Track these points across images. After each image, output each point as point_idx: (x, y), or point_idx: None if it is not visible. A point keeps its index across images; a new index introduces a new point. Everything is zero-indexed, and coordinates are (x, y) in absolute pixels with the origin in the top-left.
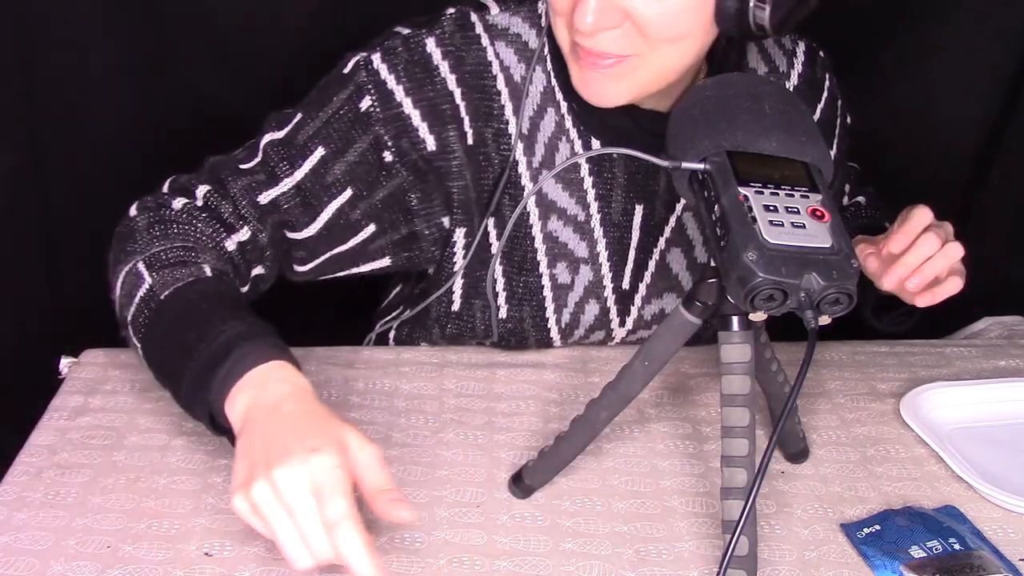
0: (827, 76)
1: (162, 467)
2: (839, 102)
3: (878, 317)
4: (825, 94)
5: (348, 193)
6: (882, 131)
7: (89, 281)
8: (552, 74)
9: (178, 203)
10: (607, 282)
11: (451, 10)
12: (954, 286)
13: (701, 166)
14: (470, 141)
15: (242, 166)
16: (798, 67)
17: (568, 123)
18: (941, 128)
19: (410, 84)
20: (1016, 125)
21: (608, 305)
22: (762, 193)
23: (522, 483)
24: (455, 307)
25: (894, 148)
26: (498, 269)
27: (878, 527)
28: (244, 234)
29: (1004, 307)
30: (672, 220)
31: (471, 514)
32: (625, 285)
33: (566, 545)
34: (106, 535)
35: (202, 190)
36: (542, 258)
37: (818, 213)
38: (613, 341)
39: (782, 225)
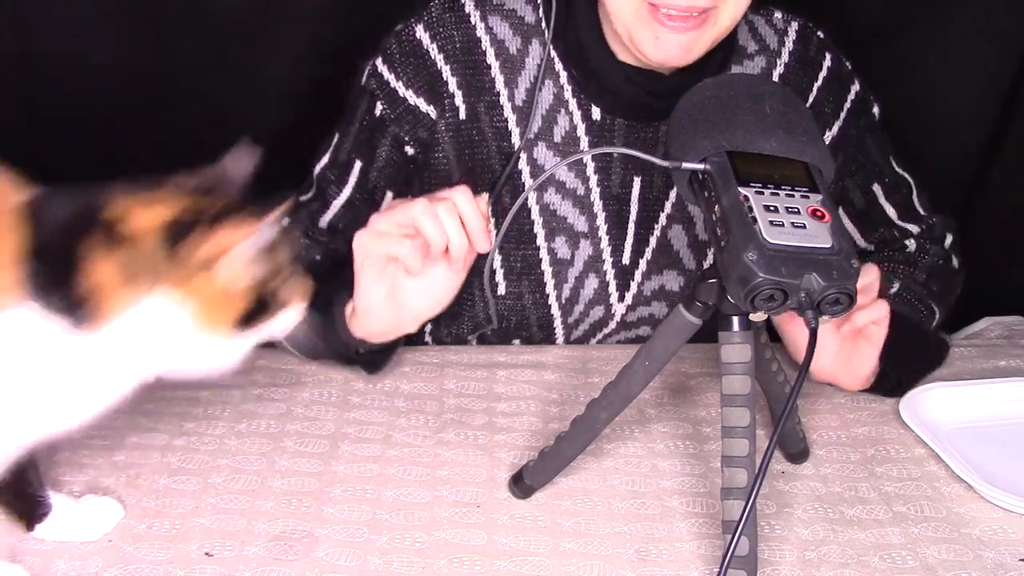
0: (827, 56)
1: (162, 467)
2: (853, 87)
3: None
4: (823, 73)
5: (390, 195)
6: None
7: None
8: (550, 45)
9: None
10: (607, 256)
11: None
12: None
13: (701, 166)
14: (462, 116)
15: (302, 198)
16: (789, 45)
17: (567, 93)
18: (942, 128)
19: (407, 75)
20: (1017, 125)
21: (608, 280)
22: (762, 193)
23: (522, 483)
24: None
25: (894, 148)
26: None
27: None
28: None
29: (1004, 307)
30: (672, 195)
31: (471, 514)
32: (625, 260)
33: (566, 545)
34: (107, 534)
35: None
36: (539, 230)
37: (818, 213)
38: (613, 318)
39: (782, 225)
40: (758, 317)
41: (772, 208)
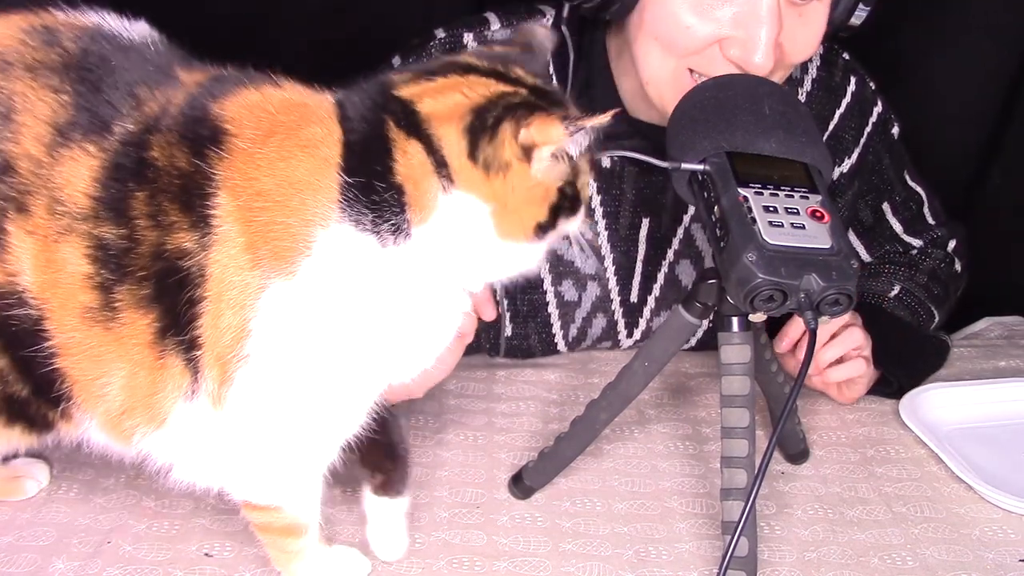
0: (851, 80)
1: (163, 467)
2: (876, 109)
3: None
4: (847, 99)
5: None
6: None
7: None
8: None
9: None
10: (614, 295)
11: (441, 34)
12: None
13: (700, 167)
14: None
15: None
16: (812, 72)
17: None
18: (942, 128)
19: None
20: (1017, 124)
21: (616, 318)
22: (762, 194)
23: (522, 484)
24: None
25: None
26: (500, 290)
27: None
28: None
29: (1004, 307)
30: (680, 232)
31: (471, 515)
32: (633, 298)
33: (566, 546)
34: (107, 534)
35: None
36: (546, 275)
37: (818, 214)
38: (620, 350)
39: (782, 226)
40: (757, 318)
41: (771, 209)
